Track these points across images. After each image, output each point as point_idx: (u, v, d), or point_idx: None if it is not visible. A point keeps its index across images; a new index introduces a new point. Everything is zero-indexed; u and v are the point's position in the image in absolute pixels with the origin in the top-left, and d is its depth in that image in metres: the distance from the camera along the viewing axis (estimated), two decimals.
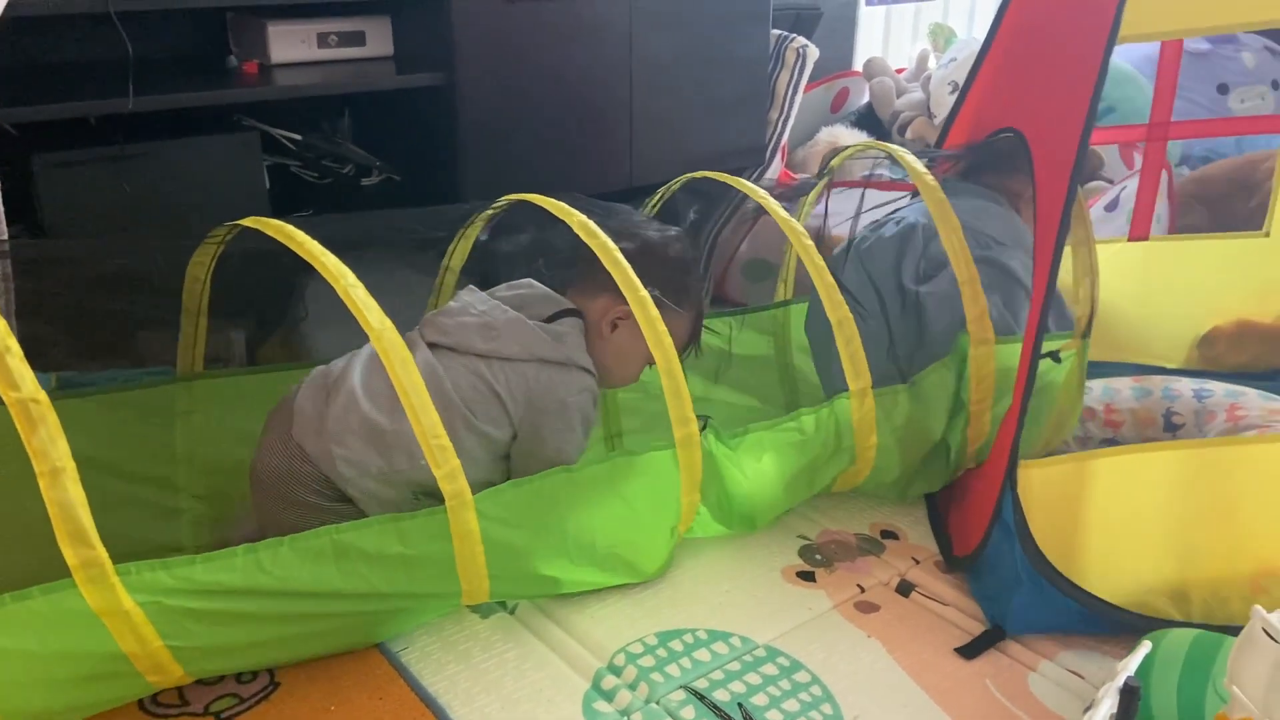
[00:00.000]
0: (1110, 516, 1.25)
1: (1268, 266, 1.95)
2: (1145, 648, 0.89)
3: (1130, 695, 0.81)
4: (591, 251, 1.26)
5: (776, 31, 2.41)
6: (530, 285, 1.38)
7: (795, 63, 2.39)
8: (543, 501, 1.21)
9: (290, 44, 1.83)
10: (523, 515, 1.19)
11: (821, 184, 1.82)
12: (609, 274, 1.25)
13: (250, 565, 1.06)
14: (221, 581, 1.04)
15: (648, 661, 1.22)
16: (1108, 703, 0.81)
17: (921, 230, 1.63)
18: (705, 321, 1.46)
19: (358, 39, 1.89)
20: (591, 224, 1.25)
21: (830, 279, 1.39)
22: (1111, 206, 2.15)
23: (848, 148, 1.76)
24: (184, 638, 1.04)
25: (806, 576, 1.41)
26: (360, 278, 1.13)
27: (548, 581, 1.26)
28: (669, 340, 1.24)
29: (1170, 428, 1.58)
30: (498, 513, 1.16)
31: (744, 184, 1.51)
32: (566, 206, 1.28)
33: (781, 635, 1.29)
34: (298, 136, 1.94)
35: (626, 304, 1.25)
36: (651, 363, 1.29)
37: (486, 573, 1.18)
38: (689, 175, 1.64)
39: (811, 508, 1.55)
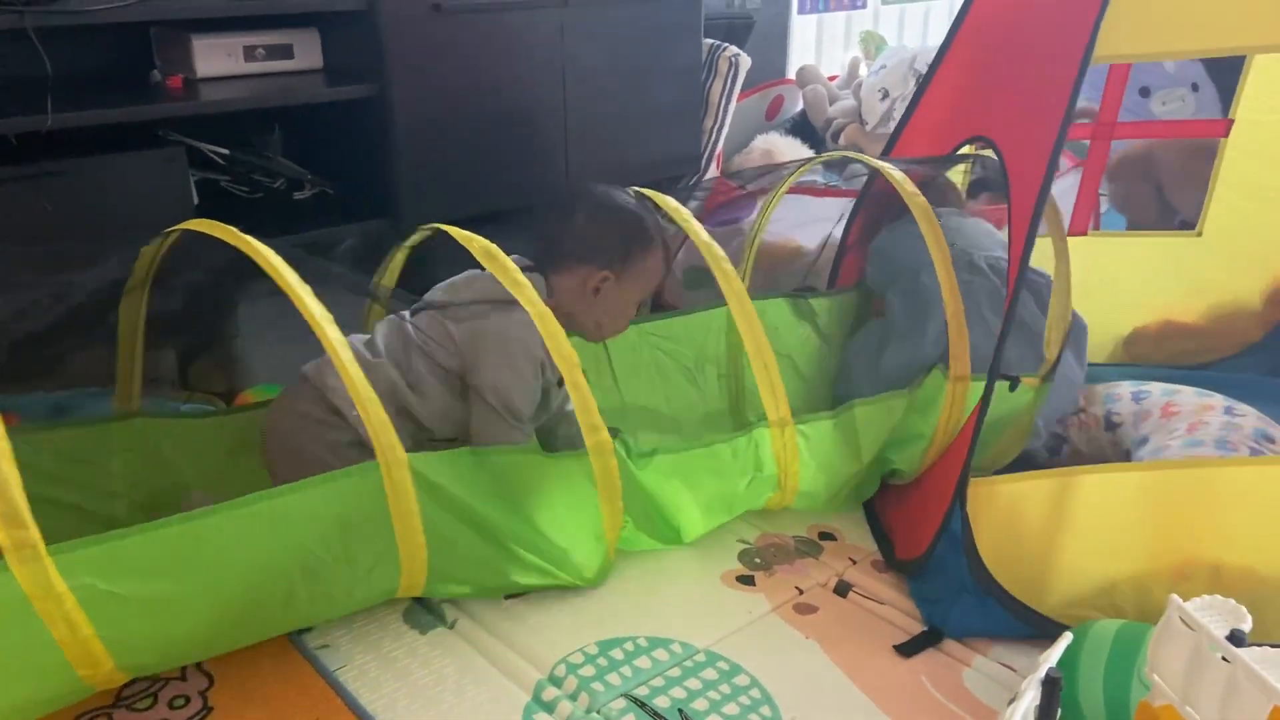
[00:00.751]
0: (1052, 531, 1.28)
1: (1200, 265, 2.01)
2: (1066, 639, 0.91)
3: (1052, 686, 0.83)
4: (555, 238, 1.42)
5: (709, 41, 2.44)
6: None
7: (728, 71, 2.41)
8: (475, 470, 1.22)
9: (216, 58, 1.81)
10: (456, 477, 1.19)
11: (780, 190, 1.84)
12: (574, 250, 1.41)
13: (184, 535, 1.05)
14: (155, 557, 1.03)
15: (588, 671, 1.22)
16: (1030, 694, 0.83)
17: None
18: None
19: (285, 52, 1.88)
20: (493, 247, 1.28)
21: (740, 286, 1.39)
22: None
23: (814, 158, 1.79)
24: (115, 627, 1.02)
25: (746, 580, 1.42)
26: None
27: (486, 559, 1.25)
28: (574, 356, 1.25)
29: (1110, 427, 1.65)
30: (432, 473, 1.17)
31: (659, 196, 1.51)
32: (468, 234, 1.30)
33: (721, 639, 1.30)
34: (225, 151, 1.91)
35: (602, 270, 1.41)
36: (639, 306, 1.50)
37: (423, 537, 1.17)
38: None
39: (751, 512, 1.56)
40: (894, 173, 1.55)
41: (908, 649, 1.28)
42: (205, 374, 1.85)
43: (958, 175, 1.88)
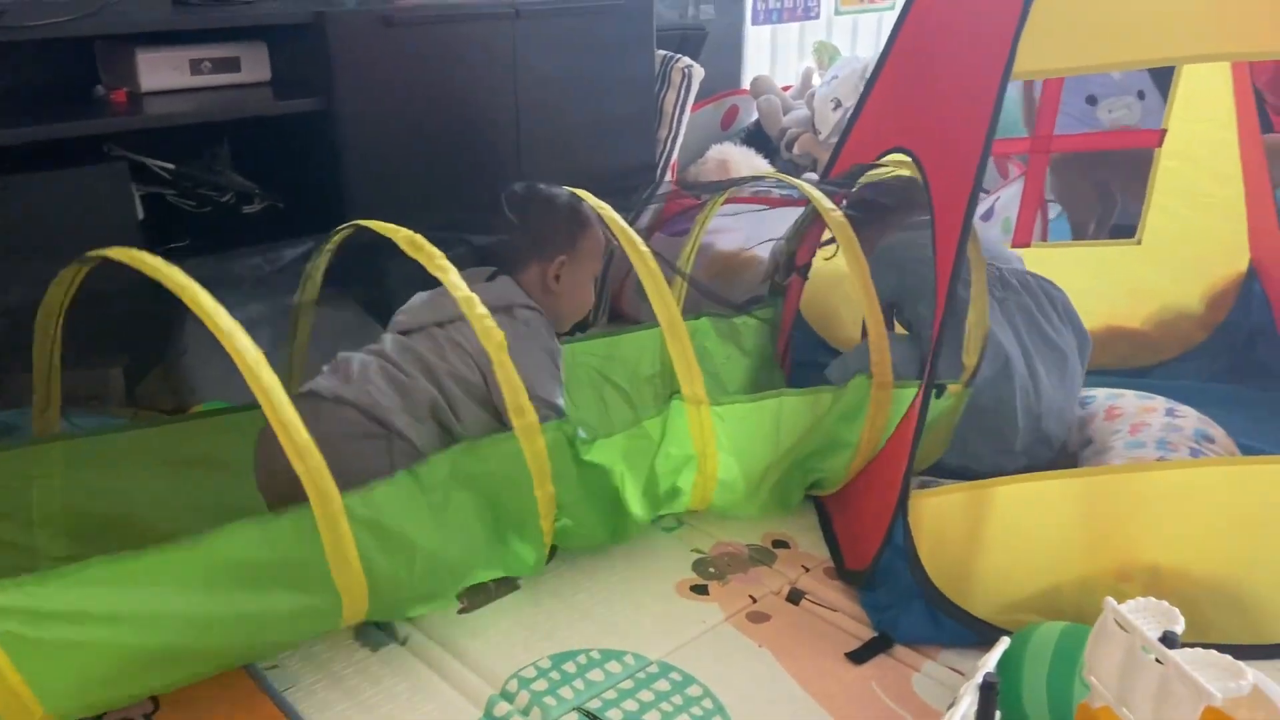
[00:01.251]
0: (995, 541, 1.31)
1: (1141, 272, 2.06)
2: (1003, 644, 0.93)
3: (989, 691, 0.84)
4: (511, 239, 1.48)
5: (662, 52, 2.45)
6: (478, 271, 1.52)
7: (681, 82, 2.43)
8: (408, 500, 1.20)
9: (161, 71, 1.79)
10: (395, 506, 1.18)
11: (718, 201, 1.85)
12: (529, 243, 1.49)
13: (110, 577, 1.02)
14: (80, 601, 1.00)
15: (541, 685, 1.22)
16: (967, 700, 0.84)
17: None
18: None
19: (232, 65, 1.86)
20: (417, 237, 1.27)
21: (663, 284, 1.37)
22: (986, 216, 2.23)
23: (754, 176, 1.79)
24: (43, 673, 0.99)
25: (700, 590, 1.43)
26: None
27: (428, 580, 1.24)
28: (500, 337, 1.26)
29: None
30: (370, 510, 1.14)
31: (592, 201, 1.50)
32: (391, 225, 1.30)
33: (674, 650, 1.30)
34: (171, 165, 1.89)
35: (558, 256, 1.50)
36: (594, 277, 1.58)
37: (364, 578, 1.14)
38: None
39: (705, 521, 1.57)
40: (812, 191, 1.57)
41: (859, 656, 1.29)
42: (153, 390, 1.83)
43: None
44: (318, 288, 1.52)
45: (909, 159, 1.51)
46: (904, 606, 1.31)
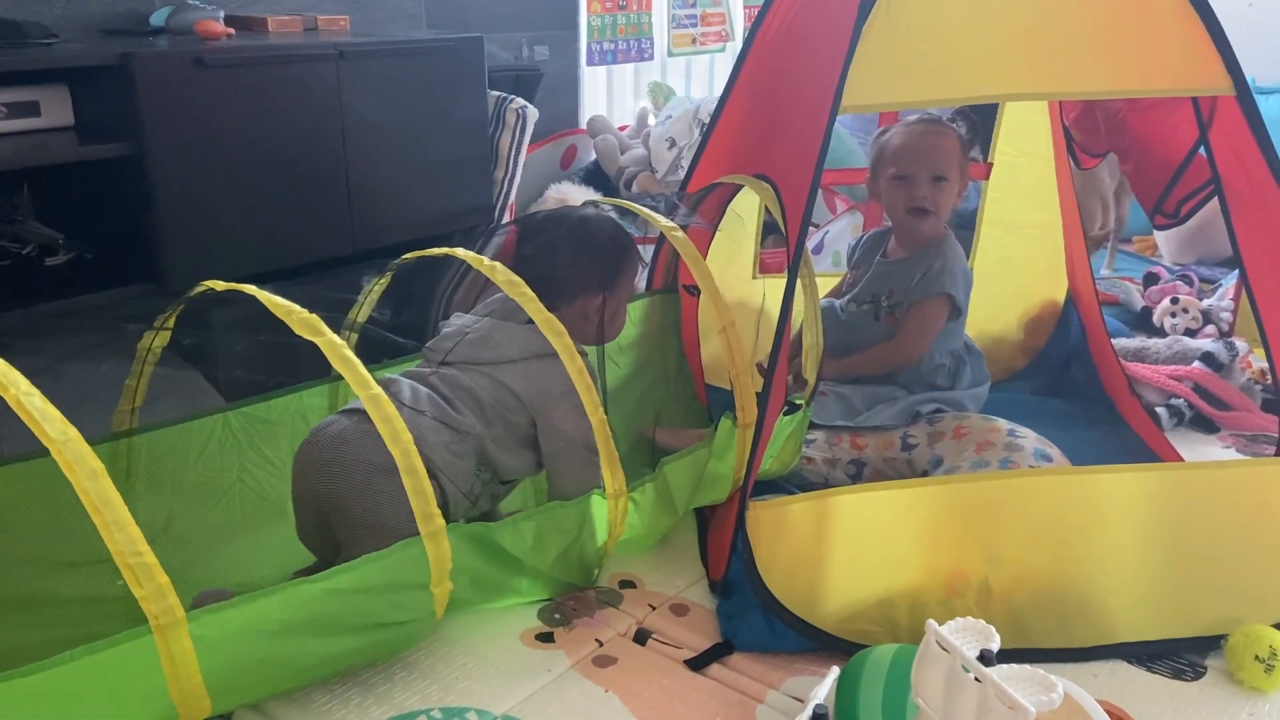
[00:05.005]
0: (830, 550, 1.33)
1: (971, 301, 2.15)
2: (834, 673, 0.94)
3: None
4: (551, 277, 1.43)
5: (495, 93, 2.45)
6: (504, 299, 1.48)
7: (516, 123, 2.43)
8: (268, 622, 1.12)
9: None
10: (241, 635, 1.10)
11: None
12: (570, 286, 1.47)
13: None
14: None
15: None
16: None
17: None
18: None
19: (31, 109, 1.76)
20: (288, 304, 1.20)
21: (566, 336, 1.36)
22: (816, 249, 2.31)
23: (589, 201, 1.81)
24: None
25: (545, 638, 1.40)
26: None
27: (286, 679, 1.18)
28: (414, 452, 1.20)
29: (907, 448, 1.72)
30: (213, 630, 1.07)
31: (464, 253, 1.49)
32: (286, 303, 1.21)
33: (519, 703, 1.27)
34: None
35: (599, 295, 1.51)
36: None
37: (208, 703, 1.08)
38: (421, 253, 1.59)
39: None
40: (648, 212, 1.60)
41: (696, 663, 1.32)
42: None
43: None
44: (163, 346, 1.42)
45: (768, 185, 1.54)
46: (743, 615, 1.34)
